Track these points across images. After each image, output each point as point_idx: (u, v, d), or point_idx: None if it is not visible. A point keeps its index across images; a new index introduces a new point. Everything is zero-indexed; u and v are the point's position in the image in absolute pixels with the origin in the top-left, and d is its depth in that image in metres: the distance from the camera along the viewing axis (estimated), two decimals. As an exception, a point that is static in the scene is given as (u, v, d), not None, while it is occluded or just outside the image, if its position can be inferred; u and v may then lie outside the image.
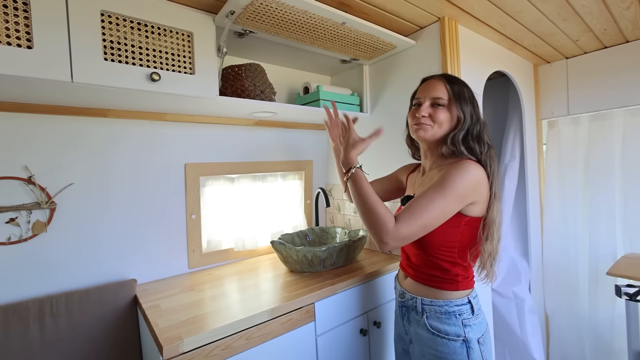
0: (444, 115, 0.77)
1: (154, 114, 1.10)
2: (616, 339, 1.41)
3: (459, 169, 0.70)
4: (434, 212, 0.68)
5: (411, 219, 0.67)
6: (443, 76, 0.81)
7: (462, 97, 0.77)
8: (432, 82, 0.81)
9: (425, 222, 0.68)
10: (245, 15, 0.88)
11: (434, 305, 0.77)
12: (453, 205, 0.70)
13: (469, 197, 0.71)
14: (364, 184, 0.73)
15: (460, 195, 0.69)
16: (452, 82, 0.79)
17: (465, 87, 0.80)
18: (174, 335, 0.74)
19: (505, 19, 1.12)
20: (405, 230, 0.67)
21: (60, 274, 0.96)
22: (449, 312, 0.75)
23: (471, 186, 0.71)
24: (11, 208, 0.89)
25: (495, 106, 1.72)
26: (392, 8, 1.01)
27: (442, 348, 0.74)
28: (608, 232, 1.43)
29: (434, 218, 0.68)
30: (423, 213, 0.67)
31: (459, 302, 0.76)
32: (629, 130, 1.38)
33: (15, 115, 0.90)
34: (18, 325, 0.85)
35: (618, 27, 1.23)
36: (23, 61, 0.66)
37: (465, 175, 0.70)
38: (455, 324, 0.74)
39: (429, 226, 0.69)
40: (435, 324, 0.76)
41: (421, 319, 0.78)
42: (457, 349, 0.73)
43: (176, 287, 1.05)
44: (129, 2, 0.79)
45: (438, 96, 0.78)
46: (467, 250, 0.77)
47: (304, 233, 1.37)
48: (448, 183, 0.69)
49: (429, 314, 0.77)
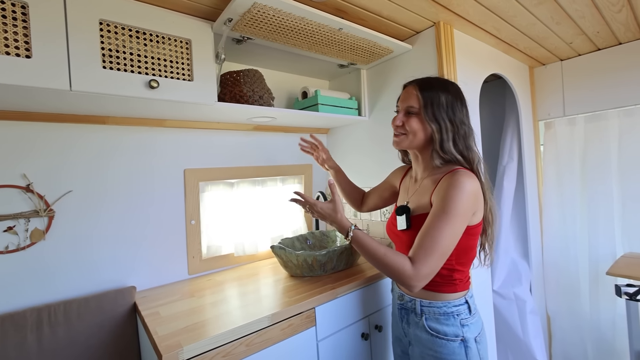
0: (416, 123, 0.77)
1: (153, 120, 1.10)
2: (618, 339, 1.40)
3: (455, 187, 0.70)
4: (446, 240, 0.68)
5: (427, 255, 0.68)
6: (417, 83, 0.80)
7: (434, 103, 0.76)
8: (407, 90, 0.81)
9: (441, 252, 0.68)
10: (242, 22, 0.89)
11: (432, 307, 0.78)
12: (460, 225, 0.70)
13: (471, 212, 0.72)
14: (367, 242, 0.74)
15: (464, 215, 0.70)
16: (425, 89, 0.78)
17: (444, 91, 0.77)
18: (173, 343, 0.73)
19: (500, 23, 1.14)
20: (426, 268, 0.67)
21: (59, 282, 0.95)
22: (448, 313, 0.76)
23: (471, 201, 0.71)
24: (9, 216, 0.89)
25: (493, 108, 1.73)
26: (388, 14, 1.02)
27: (440, 349, 0.75)
28: (607, 232, 1.43)
29: (447, 246, 0.69)
30: (436, 245, 0.68)
31: (457, 303, 0.77)
32: (625, 130, 1.39)
33: (14, 124, 0.90)
34: (15, 335, 0.84)
35: (610, 30, 1.25)
36: (22, 70, 0.67)
37: (463, 193, 0.70)
38: (454, 324, 0.76)
39: (445, 254, 0.69)
40: (433, 325, 0.77)
41: (420, 321, 0.79)
42: (455, 349, 0.74)
43: (176, 294, 1.04)
44: (127, 11, 0.80)
45: (410, 104, 0.79)
46: (464, 256, 0.77)
47: (304, 237, 1.36)
48: (450, 207, 0.69)
49: (428, 315, 0.78)
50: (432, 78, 0.82)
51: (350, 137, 1.47)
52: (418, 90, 0.78)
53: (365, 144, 1.39)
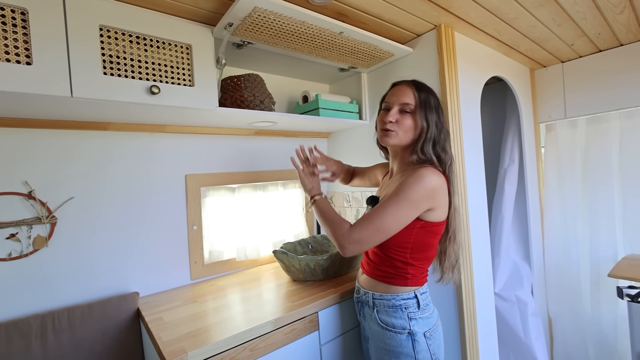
0: (410, 121, 0.80)
1: (154, 126, 1.10)
2: (620, 340, 1.41)
3: (415, 177, 0.74)
4: (387, 218, 0.72)
5: (364, 224, 0.74)
6: (412, 83, 0.83)
7: (427, 105, 0.80)
8: (402, 88, 0.83)
9: (378, 226, 0.72)
10: (243, 27, 0.89)
11: (382, 300, 0.81)
12: (407, 211, 0.73)
13: (424, 204, 0.75)
14: (327, 205, 0.84)
15: (414, 202, 0.73)
16: (420, 89, 0.81)
17: (432, 95, 0.83)
18: (177, 349, 0.74)
19: (501, 26, 1.13)
20: (357, 234, 0.73)
21: (62, 289, 0.96)
22: (396, 305, 0.79)
23: (426, 193, 0.74)
24: (11, 224, 0.89)
25: (493, 111, 1.73)
26: (389, 17, 1.02)
27: (389, 341, 0.78)
28: (608, 234, 1.43)
29: (386, 222, 0.73)
30: (376, 219, 0.73)
31: (405, 297, 0.79)
32: (626, 132, 1.39)
33: (15, 131, 0.90)
34: (20, 342, 0.84)
35: (612, 31, 1.25)
36: (22, 77, 0.66)
37: (419, 183, 0.73)
38: (402, 317, 0.78)
39: (382, 230, 0.73)
40: (384, 317, 0.80)
41: (372, 314, 0.82)
42: (402, 342, 0.77)
43: (179, 299, 1.04)
44: (127, 16, 0.79)
45: (406, 102, 0.80)
46: (420, 251, 0.80)
47: (306, 241, 1.36)
48: (402, 191, 0.73)
49: (379, 308, 0.81)
50: (421, 81, 0.86)
51: (351, 141, 1.47)
52: (415, 89, 0.81)
53: (366, 147, 1.39)
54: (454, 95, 1.10)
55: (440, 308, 1.09)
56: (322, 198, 0.86)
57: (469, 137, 1.16)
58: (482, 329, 1.13)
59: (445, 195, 0.78)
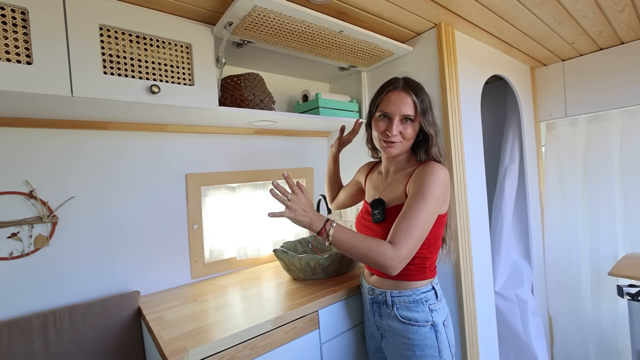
0: (411, 130, 0.81)
1: (154, 125, 1.10)
2: (620, 339, 1.41)
3: (431, 174, 0.75)
4: (424, 222, 0.72)
5: (406, 237, 0.70)
6: (409, 87, 0.80)
7: (426, 109, 0.81)
8: (400, 96, 0.80)
9: (420, 234, 0.72)
10: (243, 25, 0.89)
11: (402, 296, 0.81)
12: (435, 209, 0.75)
13: (444, 198, 0.78)
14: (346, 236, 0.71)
15: (439, 199, 0.75)
16: (417, 93, 0.80)
17: (425, 93, 0.83)
18: (178, 347, 0.74)
19: (502, 24, 1.13)
20: (405, 250, 0.70)
21: (63, 288, 0.96)
22: (417, 300, 0.80)
23: (444, 188, 0.77)
24: (13, 223, 0.89)
25: (494, 109, 1.72)
26: (389, 16, 1.01)
27: (413, 335, 0.79)
28: (609, 233, 1.43)
29: (425, 227, 0.73)
30: (415, 227, 0.71)
31: (424, 290, 0.81)
32: (627, 131, 1.38)
33: (16, 130, 0.90)
34: (22, 341, 0.84)
35: (613, 29, 1.24)
36: (23, 77, 0.66)
37: (438, 179, 0.75)
38: (423, 310, 0.79)
39: (423, 237, 0.73)
40: (405, 313, 0.80)
41: (392, 312, 0.82)
42: (426, 334, 0.78)
43: (180, 298, 1.05)
44: (127, 16, 0.79)
45: (408, 113, 0.80)
46: (433, 243, 0.82)
47: (306, 240, 1.37)
48: (427, 191, 0.73)
49: (399, 305, 0.81)
50: (411, 79, 0.84)
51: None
52: (413, 95, 0.80)
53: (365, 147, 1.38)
54: (454, 94, 1.10)
55: (440, 307, 1.09)
56: (336, 226, 0.71)
57: (469, 136, 1.16)
58: (482, 327, 1.13)
59: (449, 188, 0.81)
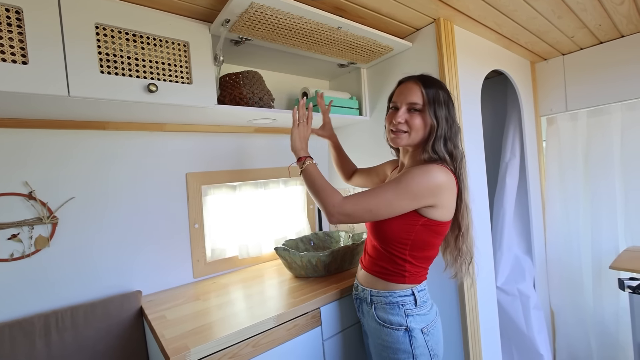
0: (419, 120, 0.78)
1: (153, 124, 1.10)
2: (621, 332, 1.41)
3: (421, 169, 0.73)
4: (382, 201, 0.72)
5: (358, 200, 0.73)
6: (419, 79, 0.80)
7: (437, 101, 0.77)
8: (409, 86, 0.80)
9: (371, 207, 0.72)
10: (240, 23, 0.88)
11: (380, 296, 0.80)
12: (404, 201, 0.72)
13: (424, 198, 0.72)
14: (316, 172, 0.81)
15: (414, 193, 0.71)
16: (428, 85, 0.78)
17: (442, 89, 0.79)
18: (180, 346, 0.74)
19: (501, 18, 1.12)
20: (350, 207, 0.72)
21: (65, 289, 0.96)
22: (393, 302, 0.79)
23: (428, 188, 0.72)
24: (13, 224, 0.89)
25: (494, 105, 1.72)
26: (387, 11, 1.01)
27: (387, 337, 0.78)
28: (610, 226, 1.43)
29: (381, 205, 0.72)
30: (370, 198, 0.72)
31: (402, 294, 0.79)
32: (627, 124, 1.38)
33: (14, 131, 0.90)
34: (24, 341, 0.84)
35: (612, 23, 1.23)
36: (19, 77, 0.66)
37: (424, 177, 0.72)
38: (398, 314, 0.78)
39: (374, 211, 0.72)
40: (381, 314, 0.80)
41: (370, 310, 0.82)
42: (399, 338, 0.77)
43: (181, 297, 1.05)
44: (123, 14, 0.79)
45: (414, 101, 0.78)
46: (420, 250, 0.78)
47: (307, 238, 1.36)
48: (405, 179, 0.72)
49: (377, 305, 0.81)
50: (429, 75, 0.82)
51: (351, 137, 1.46)
52: (422, 86, 0.78)
53: (366, 143, 1.38)
54: (454, 89, 1.09)
55: (442, 302, 1.09)
56: (312, 163, 0.83)
57: (470, 131, 1.16)
58: (484, 322, 1.13)
59: (453, 195, 0.76)
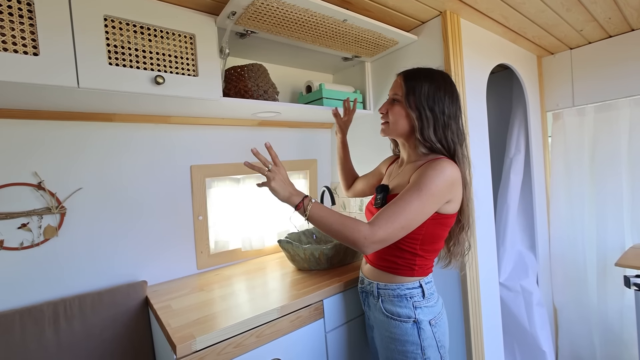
0: (398, 109, 0.80)
1: (159, 117, 1.11)
2: (625, 329, 1.40)
3: (435, 169, 0.72)
4: (412, 214, 0.69)
5: (388, 221, 0.68)
6: (403, 73, 0.84)
7: (416, 92, 0.77)
8: (395, 80, 0.84)
9: (403, 224, 0.69)
10: (246, 15, 0.88)
11: (387, 289, 0.81)
12: (430, 205, 0.71)
13: (445, 197, 0.73)
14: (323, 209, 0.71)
15: (436, 195, 0.71)
16: (409, 78, 0.80)
17: (427, 81, 0.78)
18: (186, 334, 0.75)
19: (508, 11, 1.11)
20: (382, 233, 0.68)
21: (72, 278, 0.98)
22: (401, 295, 0.79)
23: (446, 186, 0.72)
24: (22, 214, 0.91)
25: (500, 100, 1.70)
26: (393, 4, 1.00)
27: (395, 330, 0.79)
28: (616, 223, 1.42)
29: (411, 219, 0.70)
30: (400, 215, 0.69)
31: (410, 286, 0.79)
32: (636, 120, 1.36)
33: (23, 122, 0.91)
34: (34, 328, 0.86)
35: (623, 15, 1.21)
36: (30, 68, 0.67)
37: (440, 175, 0.71)
38: (407, 306, 0.78)
39: (407, 227, 0.70)
40: (389, 307, 0.80)
41: (377, 303, 0.83)
42: (408, 330, 0.77)
43: (186, 288, 1.06)
44: (131, 6, 0.79)
45: (395, 92, 0.82)
46: (430, 243, 0.79)
47: (310, 231, 1.37)
48: (425, 184, 0.70)
49: (384, 297, 0.81)
50: (421, 68, 0.83)
51: (355, 131, 1.46)
52: (402, 79, 0.81)
53: (370, 137, 1.38)
54: (460, 83, 1.08)
55: (445, 298, 1.09)
56: (314, 203, 0.72)
57: (475, 126, 1.15)
58: (486, 318, 1.13)
59: (461, 187, 0.77)
